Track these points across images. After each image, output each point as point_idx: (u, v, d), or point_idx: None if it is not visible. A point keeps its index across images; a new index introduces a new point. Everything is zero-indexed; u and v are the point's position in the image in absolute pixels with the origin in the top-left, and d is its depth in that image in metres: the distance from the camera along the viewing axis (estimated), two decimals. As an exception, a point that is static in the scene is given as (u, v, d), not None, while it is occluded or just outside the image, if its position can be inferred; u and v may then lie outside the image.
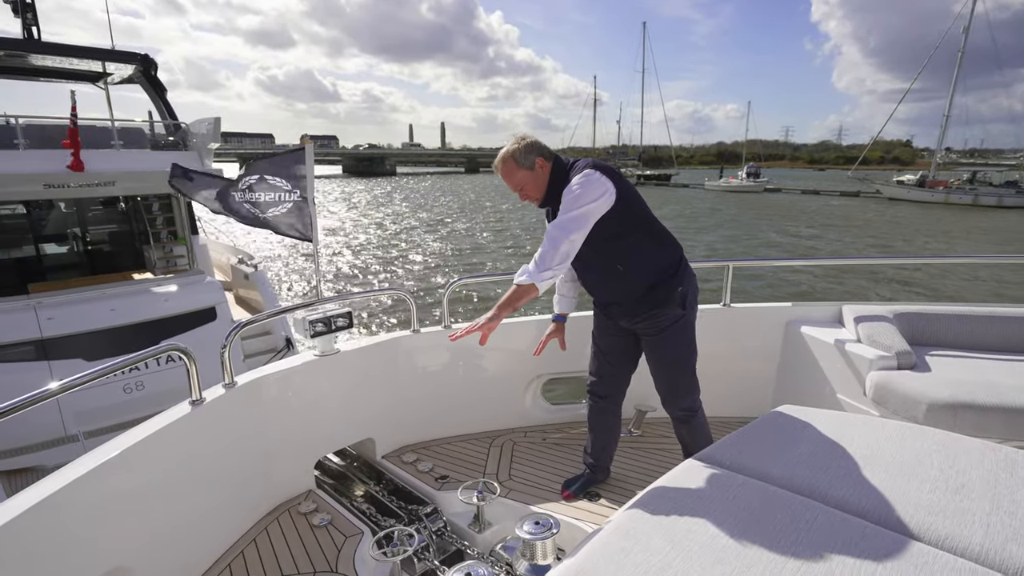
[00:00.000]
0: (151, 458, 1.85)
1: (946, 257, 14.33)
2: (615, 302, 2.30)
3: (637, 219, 2.14)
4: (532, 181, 2.16)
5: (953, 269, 16.62)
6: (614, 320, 2.37)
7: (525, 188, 2.18)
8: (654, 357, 2.31)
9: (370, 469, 2.78)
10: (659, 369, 2.32)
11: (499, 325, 3.14)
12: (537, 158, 2.14)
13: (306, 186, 2.99)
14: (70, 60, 8.02)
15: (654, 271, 2.18)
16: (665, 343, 2.25)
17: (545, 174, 2.17)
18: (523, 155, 2.14)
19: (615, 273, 2.18)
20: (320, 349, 2.58)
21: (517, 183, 2.17)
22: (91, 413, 5.59)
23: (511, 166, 2.15)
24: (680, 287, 2.19)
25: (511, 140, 2.19)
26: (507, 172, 2.17)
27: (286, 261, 18.80)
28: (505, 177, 2.18)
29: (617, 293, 2.26)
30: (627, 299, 2.23)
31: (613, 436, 2.55)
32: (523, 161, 2.14)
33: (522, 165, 2.14)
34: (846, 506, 1.28)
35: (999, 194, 39.02)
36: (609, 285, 2.26)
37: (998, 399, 2.23)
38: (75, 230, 8.23)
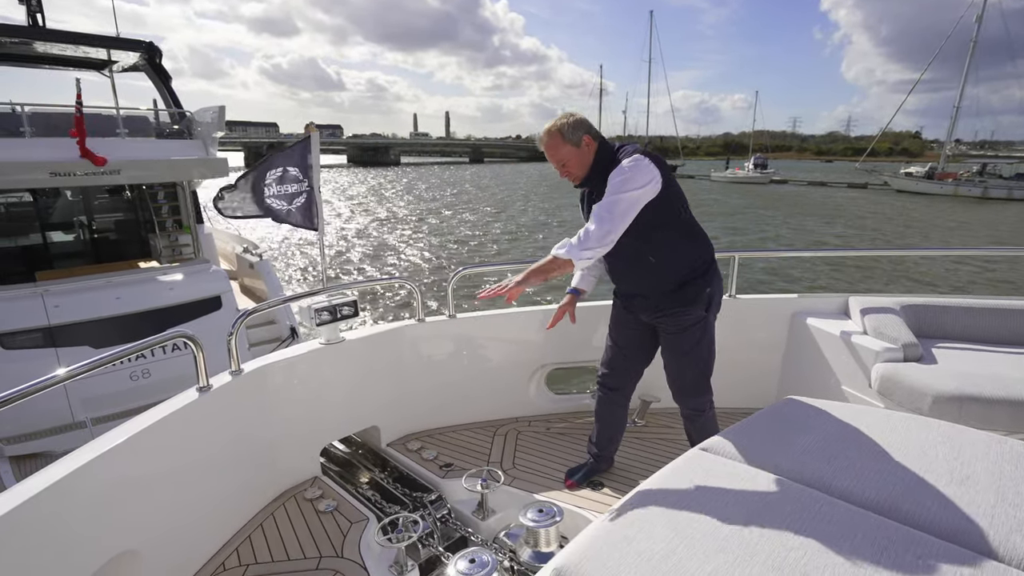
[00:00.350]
0: (159, 444, 1.87)
1: (952, 249, 14.25)
2: (640, 294, 2.28)
3: (676, 212, 2.11)
4: (576, 158, 2.12)
5: (961, 261, 16.51)
6: (634, 314, 2.35)
7: (567, 164, 2.14)
8: (671, 354, 2.30)
9: (375, 456, 2.80)
10: (675, 366, 2.31)
11: (504, 315, 3.16)
12: (584, 135, 2.10)
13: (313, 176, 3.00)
14: (75, 48, 8.01)
15: (685, 268, 2.16)
16: (684, 342, 2.24)
17: (590, 153, 2.13)
18: (571, 130, 2.10)
19: (646, 265, 2.15)
20: (325, 337, 2.59)
21: (560, 158, 2.13)
22: (98, 400, 5.65)
23: (557, 140, 2.11)
24: (708, 288, 2.18)
25: (560, 116, 2.15)
26: (552, 145, 2.12)
27: (291, 250, 18.84)
28: (549, 150, 2.13)
29: (644, 285, 2.24)
30: (653, 292, 2.21)
31: (619, 428, 2.56)
32: (570, 136, 2.09)
33: (568, 140, 2.10)
34: (850, 497, 1.28)
35: (1009, 187, 38.59)
36: (637, 276, 2.23)
37: (1004, 392, 2.23)
38: (81, 218, 8.26)
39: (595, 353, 3.21)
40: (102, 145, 6.64)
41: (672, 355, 2.30)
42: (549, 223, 26.02)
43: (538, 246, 20.27)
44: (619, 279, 2.35)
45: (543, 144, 2.15)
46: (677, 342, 2.25)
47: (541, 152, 2.18)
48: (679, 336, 2.24)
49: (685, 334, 2.22)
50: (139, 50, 8.09)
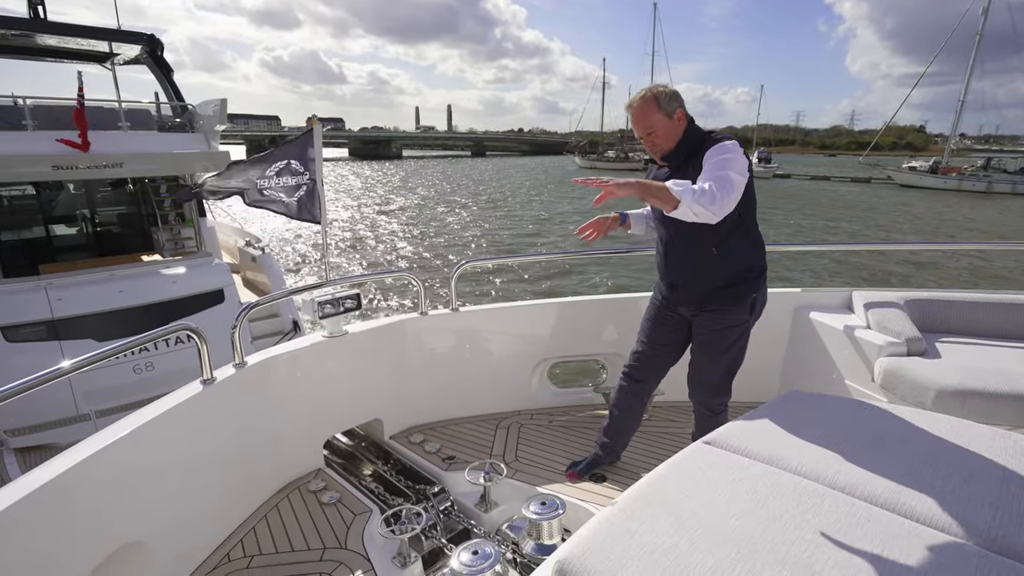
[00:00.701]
0: (164, 436, 1.88)
1: (956, 243, 14.21)
2: (685, 285, 2.24)
3: (747, 211, 2.09)
4: (665, 128, 2.07)
5: (965, 255, 16.47)
6: (673, 307, 2.32)
7: (655, 133, 2.08)
8: (705, 351, 2.28)
9: (378, 449, 2.81)
10: (705, 364, 2.30)
11: (506, 308, 3.15)
12: (679, 108, 2.07)
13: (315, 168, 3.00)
14: (76, 40, 7.99)
15: (741, 268, 2.14)
16: (723, 341, 2.22)
17: (680, 127, 2.09)
18: (667, 100, 2.05)
19: (707, 255, 2.12)
20: (328, 330, 2.60)
21: (648, 124, 2.07)
22: (102, 392, 5.68)
23: (651, 105, 2.05)
24: (755, 293, 2.17)
25: (655, 85, 2.12)
26: (644, 110, 2.06)
27: (293, 244, 18.85)
28: (638, 115, 2.07)
29: (695, 276, 2.20)
30: (702, 286, 2.18)
31: (633, 422, 2.53)
32: (665, 105, 2.05)
33: (662, 108, 2.05)
34: (853, 490, 1.28)
35: (1013, 181, 38.42)
36: (693, 264, 2.18)
37: (1008, 386, 2.22)
38: (84, 212, 8.27)
39: (597, 347, 3.21)
40: (104, 138, 6.64)
41: (705, 353, 2.28)
42: (550, 218, 25.98)
43: (546, 241, 20.26)
44: (671, 264, 2.27)
45: (634, 108, 2.09)
46: (715, 340, 2.23)
47: (543, 146, 2.19)
48: (719, 334, 2.21)
49: (725, 333, 2.20)
50: (141, 43, 8.08)
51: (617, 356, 3.22)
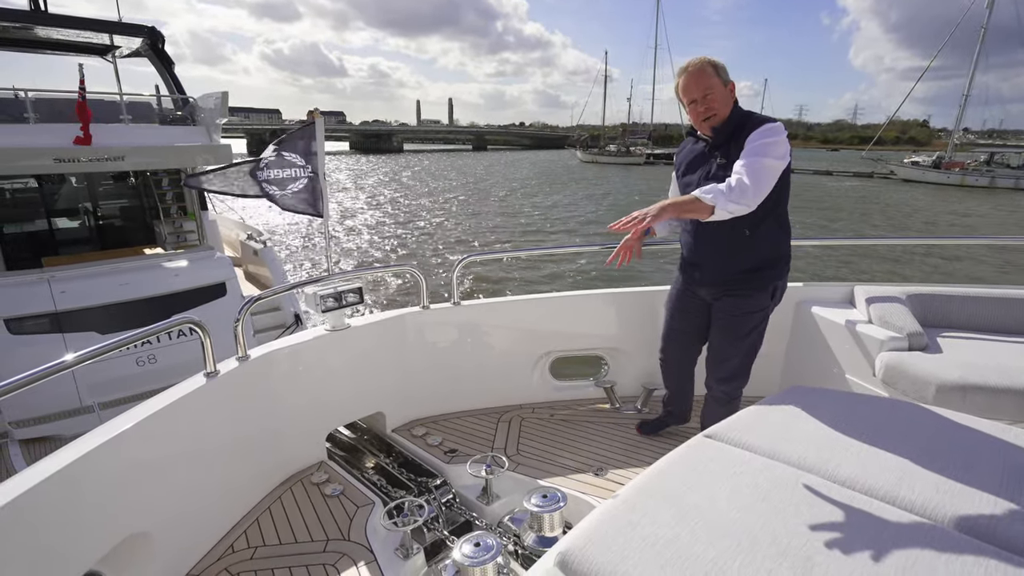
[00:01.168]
0: (168, 428, 1.89)
1: (957, 238, 14.16)
2: (710, 266, 2.24)
3: (784, 197, 2.11)
4: (721, 94, 2.07)
5: (968, 250, 16.43)
6: (693, 289, 2.35)
7: (711, 96, 2.07)
8: (726, 336, 2.30)
9: (380, 442, 2.83)
10: (726, 348, 2.32)
11: (508, 302, 3.16)
12: (731, 81, 2.10)
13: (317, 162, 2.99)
14: (78, 33, 7.97)
15: (768, 254, 2.16)
16: (744, 326, 2.25)
17: (732, 97, 2.11)
18: (722, 69, 2.08)
19: (738, 236, 2.10)
20: (331, 324, 2.60)
21: (706, 87, 2.06)
22: (105, 385, 5.71)
23: (709, 70, 2.06)
24: (778, 281, 2.20)
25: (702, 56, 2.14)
26: (701, 73, 2.06)
27: (294, 237, 18.86)
28: (695, 76, 2.07)
29: (722, 257, 2.20)
30: (727, 269, 2.20)
31: (685, 388, 2.61)
32: (722, 73, 2.08)
33: (720, 75, 2.07)
34: (853, 484, 1.28)
35: (1016, 176, 38.25)
36: (721, 245, 2.18)
37: (1009, 381, 2.23)
38: (87, 205, 8.28)
39: (599, 341, 3.22)
40: (106, 131, 6.64)
41: (726, 337, 2.30)
42: (551, 212, 25.94)
43: (546, 232, 20.24)
44: (698, 243, 2.26)
45: (690, 70, 2.08)
46: (736, 324, 2.25)
47: (544, 140, 2.21)
48: (739, 319, 2.23)
49: (745, 318, 2.23)
50: (142, 35, 8.06)
51: (618, 351, 3.23)
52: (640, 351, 3.14)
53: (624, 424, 2.93)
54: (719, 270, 2.22)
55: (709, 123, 2.12)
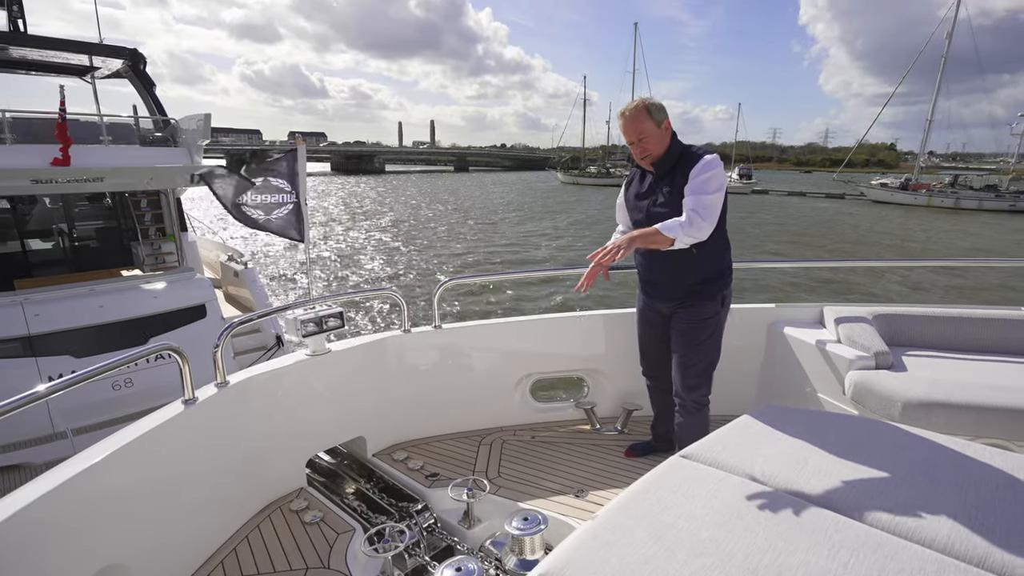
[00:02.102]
0: (144, 457, 1.87)
1: (928, 260, 14.63)
2: (663, 282, 2.46)
3: (722, 218, 2.30)
4: (654, 136, 2.28)
5: (930, 270, 16.93)
6: (653, 304, 2.55)
7: (645, 140, 2.27)
8: (685, 344, 2.45)
9: (361, 467, 2.81)
10: (688, 356, 2.45)
11: (489, 325, 3.19)
12: (665, 119, 2.28)
13: (299, 187, 3.03)
14: (56, 53, 7.92)
15: (715, 267, 2.38)
16: (700, 333, 2.42)
17: (667, 136, 2.30)
18: (656, 110, 2.27)
19: (687, 255, 2.30)
20: (312, 348, 2.59)
21: (640, 131, 2.26)
22: (79, 410, 5.53)
23: (643, 115, 2.26)
24: (725, 290, 2.41)
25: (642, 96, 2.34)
26: (636, 118, 2.26)
27: (275, 259, 18.66)
28: (630, 122, 2.27)
29: (673, 274, 2.41)
30: (680, 283, 2.40)
31: (670, 404, 2.68)
32: (655, 115, 2.27)
33: (653, 117, 2.26)
34: (823, 501, 1.33)
35: (979, 198, 39.79)
36: (673, 263, 2.38)
37: (970, 398, 2.31)
38: (62, 226, 8.13)
39: (579, 363, 3.25)
40: (85, 152, 6.57)
41: (686, 345, 2.45)
42: (531, 236, 26.13)
43: (525, 258, 20.37)
44: (653, 264, 2.48)
45: (626, 115, 2.30)
46: (693, 332, 2.43)
47: (525, 161, 2.31)
48: (696, 326, 2.42)
49: (701, 325, 2.41)
50: (123, 57, 8.02)
51: (598, 372, 3.26)
52: (619, 372, 3.18)
53: (604, 445, 2.95)
54: (673, 286, 2.43)
55: (647, 161, 2.34)
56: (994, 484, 1.37)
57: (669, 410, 2.66)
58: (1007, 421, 2.26)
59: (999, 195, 39.75)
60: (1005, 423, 2.27)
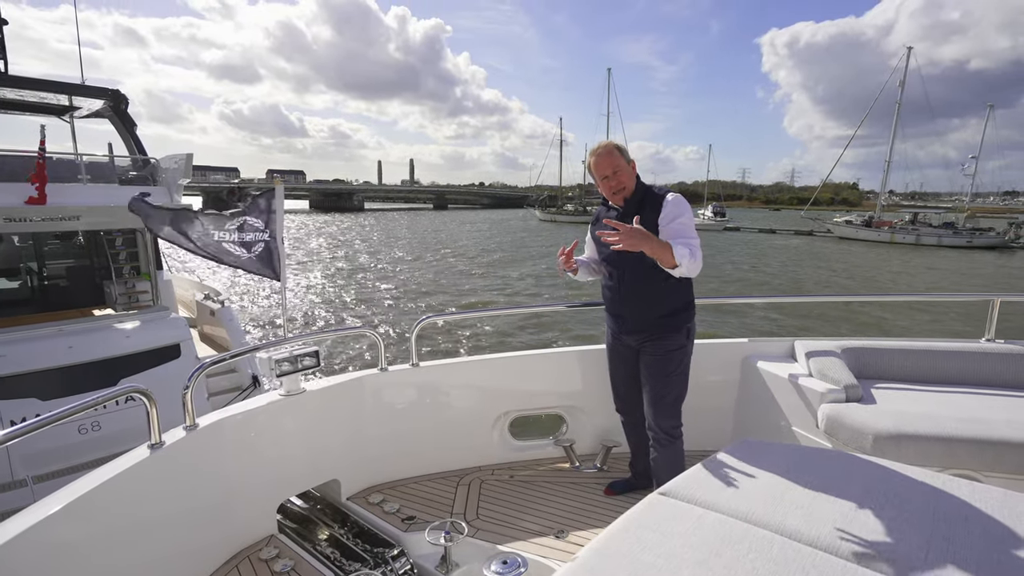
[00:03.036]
0: (106, 506, 1.78)
1: (894, 295, 15.04)
2: (632, 315, 2.53)
3: None
4: (626, 171, 2.46)
5: (898, 303, 17.45)
6: (621, 337, 2.61)
7: (619, 173, 2.44)
8: (655, 375, 2.51)
9: (335, 511, 2.72)
10: (658, 387, 2.51)
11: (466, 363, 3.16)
12: (632, 160, 2.50)
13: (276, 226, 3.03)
14: (38, 93, 7.90)
15: (681, 300, 2.48)
16: (668, 364, 2.49)
17: (634, 173, 2.46)
18: (624, 150, 2.48)
19: (656, 288, 2.44)
20: (285, 389, 2.53)
21: (615, 166, 2.43)
22: (42, 456, 5.28)
23: (615, 152, 2.45)
24: (689, 323, 2.50)
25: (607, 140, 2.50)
26: (610, 154, 2.44)
27: (253, 297, 18.37)
28: (605, 157, 2.44)
29: (644, 305, 2.50)
30: (649, 314, 2.48)
31: (645, 439, 2.71)
32: (624, 154, 2.47)
33: (623, 155, 2.46)
34: (799, 536, 1.36)
35: (938, 234, 41.59)
36: (643, 295, 2.49)
37: (937, 429, 2.37)
38: (31, 264, 7.95)
39: (557, 400, 3.24)
40: (62, 191, 6.51)
41: (655, 376, 2.52)
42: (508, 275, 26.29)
43: (507, 292, 20.44)
44: (624, 296, 2.54)
45: (600, 152, 2.46)
46: (661, 364, 2.50)
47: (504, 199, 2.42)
48: (664, 358, 2.50)
49: (668, 356, 2.49)
50: (106, 97, 8.04)
51: (576, 408, 3.25)
52: (598, 408, 3.16)
53: (584, 483, 2.93)
54: (640, 318, 2.51)
55: (620, 195, 2.48)
56: (964, 516, 1.41)
57: (645, 446, 2.68)
58: (974, 452, 2.32)
59: (956, 232, 41.61)
60: (972, 454, 2.33)
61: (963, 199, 51.89)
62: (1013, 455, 2.29)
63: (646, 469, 2.74)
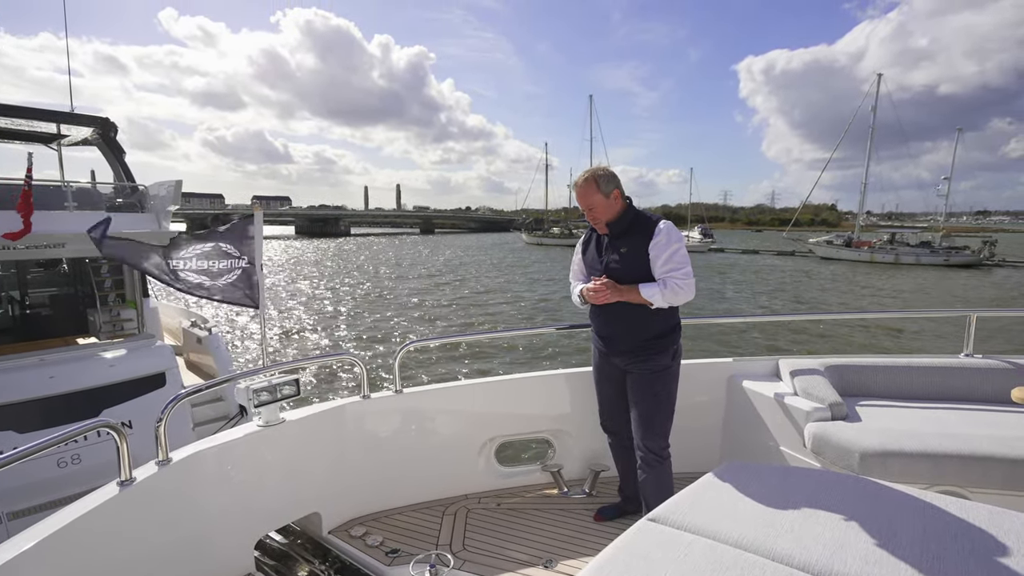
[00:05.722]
0: (74, 547, 1.69)
1: (874, 312, 15.18)
2: (619, 336, 2.56)
3: None
4: (603, 206, 2.45)
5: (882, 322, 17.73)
6: (608, 357, 2.63)
7: (594, 210, 2.46)
8: (642, 395, 2.54)
9: (315, 546, 2.62)
10: (645, 407, 2.53)
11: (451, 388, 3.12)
12: (615, 189, 2.44)
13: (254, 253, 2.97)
14: (26, 121, 7.88)
15: (668, 323, 2.50)
16: (656, 384, 2.51)
17: (616, 205, 2.46)
18: (604, 182, 2.42)
19: (643, 310, 2.46)
20: (264, 419, 2.43)
21: (589, 203, 2.45)
22: (19, 491, 5.10)
23: (591, 187, 2.43)
24: (675, 345, 2.54)
25: (596, 166, 2.50)
26: (585, 190, 2.44)
27: (243, 325, 18.09)
28: (581, 194, 2.45)
29: (630, 327, 2.52)
30: (634, 337, 2.50)
31: (632, 463, 2.72)
32: (603, 187, 2.43)
33: (600, 190, 2.43)
34: (790, 560, 1.36)
35: (916, 253, 42.54)
36: (629, 319, 2.50)
37: (922, 446, 2.39)
38: (13, 293, 7.82)
39: (544, 424, 3.19)
40: (48, 218, 6.46)
41: (643, 396, 2.54)
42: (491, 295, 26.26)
43: (488, 313, 20.43)
44: (610, 318, 2.57)
45: (578, 188, 2.46)
46: (649, 383, 2.52)
47: (490, 223, 2.45)
48: (650, 378, 2.52)
49: (655, 376, 2.51)
50: (95, 125, 8.04)
51: (563, 432, 3.20)
52: (585, 432, 3.12)
53: (572, 510, 2.89)
54: (628, 339, 2.54)
55: (599, 225, 2.54)
56: (952, 533, 1.43)
57: (633, 469, 2.67)
58: (960, 468, 2.34)
59: (933, 251, 42.53)
60: (958, 470, 2.34)
61: (938, 219, 53.20)
62: (998, 471, 2.31)
63: (635, 493, 2.71)
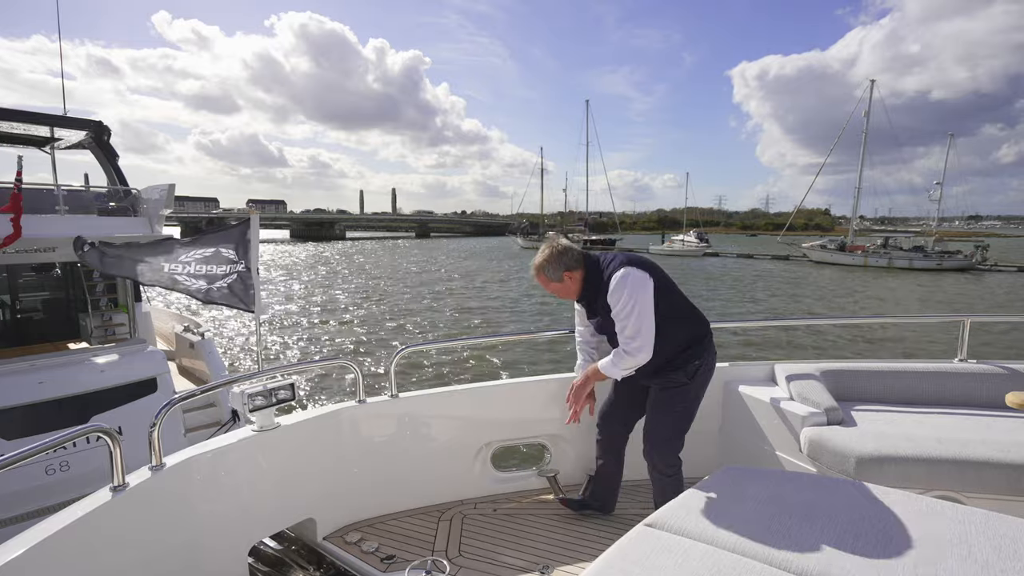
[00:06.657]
0: (64, 554, 1.67)
1: (868, 317, 15.32)
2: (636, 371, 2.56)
3: (670, 300, 2.45)
4: (559, 289, 2.52)
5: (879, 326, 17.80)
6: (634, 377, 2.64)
7: (558, 294, 2.56)
8: (655, 408, 2.59)
9: (310, 553, 2.61)
10: (655, 420, 2.58)
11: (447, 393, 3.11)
12: (564, 272, 2.45)
13: (250, 256, 2.96)
14: (19, 124, 7.82)
15: (680, 345, 2.47)
16: (668, 399, 2.53)
17: (575, 283, 2.49)
18: (552, 269, 2.46)
19: None
20: (259, 424, 2.42)
21: (550, 291, 2.56)
22: (6, 499, 5.03)
23: (543, 279, 2.52)
24: (697, 360, 2.48)
25: (544, 249, 2.49)
26: (540, 281, 2.54)
27: (236, 330, 17.99)
28: (538, 279, 2.55)
29: None
30: (644, 367, 2.48)
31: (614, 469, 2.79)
32: (552, 275, 2.48)
33: (551, 279, 2.49)
34: (787, 565, 1.36)
35: (909, 257, 42.86)
36: None
37: (917, 451, 2.40)
38: (4, 297, 7.74)
39: (540, 428, 3.19)
40: (39, 222, 6.40)
41: (655, 409, 2.59)
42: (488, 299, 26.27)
43: (483, 318, 20.40)
44: None
45: (534, 274, 2.55)
46: (663, 398, 2.57)
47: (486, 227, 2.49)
48: (665, 393, 2.56)
49: (671, 394, 2.55)
50: (88, 129, 7.98)
51: (560, 437, 3.19)
52: (581, 436, 3.12)
53: (569, 515, 2.88)
54: (643, 371, 2.52)
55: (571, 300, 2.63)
56: (947, 539, 1.43)
57: (613, 476, 2.79)
58: (955, 473, 2.35)
59: (926, 255, 42.90)
60: (953, 475, 2.36)
61: (930, 223, 53.69)
62: (993, 476, 2.32)
63: (606, 497, 2.86)
